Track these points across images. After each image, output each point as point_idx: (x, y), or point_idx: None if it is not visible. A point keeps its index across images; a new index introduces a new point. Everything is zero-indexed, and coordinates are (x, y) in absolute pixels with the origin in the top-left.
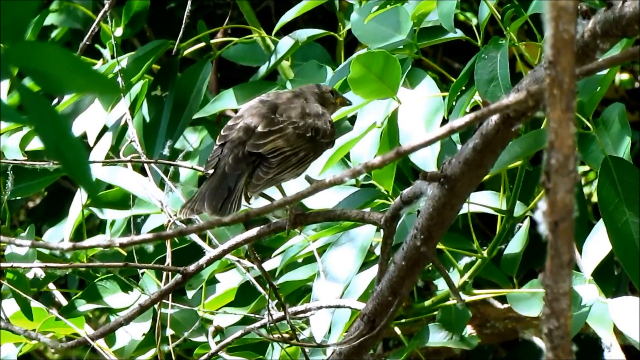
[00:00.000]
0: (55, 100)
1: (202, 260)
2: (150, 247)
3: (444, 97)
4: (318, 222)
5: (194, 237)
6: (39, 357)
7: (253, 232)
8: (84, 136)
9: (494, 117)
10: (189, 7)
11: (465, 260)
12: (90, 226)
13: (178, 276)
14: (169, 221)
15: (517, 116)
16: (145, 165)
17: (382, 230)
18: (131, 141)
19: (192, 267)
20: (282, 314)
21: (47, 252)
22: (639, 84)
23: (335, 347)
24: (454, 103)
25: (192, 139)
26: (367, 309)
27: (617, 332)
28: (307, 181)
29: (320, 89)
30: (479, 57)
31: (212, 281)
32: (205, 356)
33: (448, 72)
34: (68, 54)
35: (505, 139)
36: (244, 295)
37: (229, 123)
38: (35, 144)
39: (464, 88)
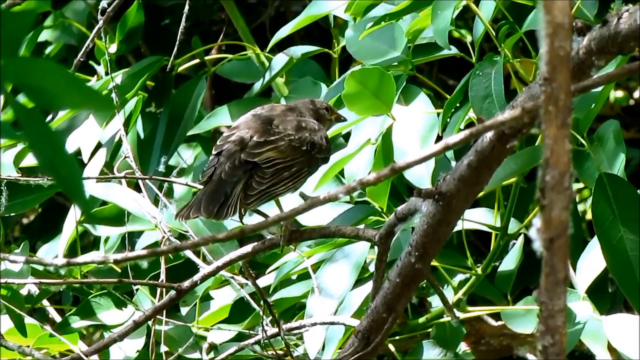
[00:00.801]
0: (50, 117)
1: (196, 277)
2: (144, 263)
3: (438, 114)
4: (313, 238)
5: (189, 254)
6: None
7: (247, 248)
8: (79, 152)
9: (489, 134)
10: (183, 23)
11: (460, 277)
12: (85, 242)
13: (172, 292)
14: (164, 237)
15: (512, 133)
16: (140, 182)
17: (376, 247)
18: (125, 157)
19: (186, 284)
20: (276, 330)
21: (41, 268)
22: (634, 101)
23: None
24: (448, 119)
25: (186, 155)
26: (361, 325)
27: (612, 349)
28: (302, 197)
29: (315, 104)
30: (474, 74)
31: (207, 298)
32: None
33: (443, 88)
34: (63, 70)
35: (501, 156)
36: (238, 311)
37: (225, 134)
38: (30, 160)
39: (458, 105)
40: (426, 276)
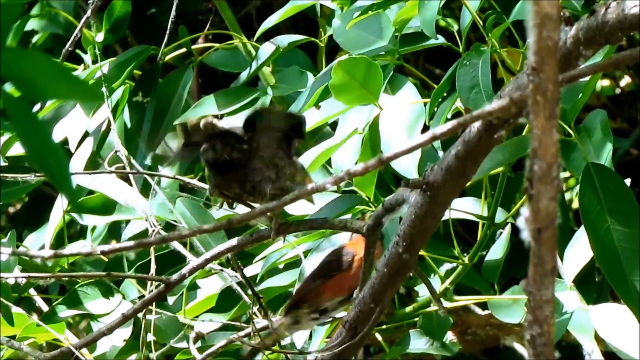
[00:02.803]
0: (38, 106)
1: (185, 270)
2: (132, 254)
3: (425, 104)
4: (301, 230)
5: (177, 247)
6: None
7: (235, 241)
8: (65, 142)
9: (477, 125)
10: (173, 12)
11: (447, 266)
12: (71, 232)
13: (161, 286)
14: (154, 230)
15: (499, 124)
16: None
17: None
18: (116, 151)
19: (175, 277)
20: (265, 322)
21: (27, 258)
22: (619, 90)
23: (317, 354)
24: (435, 109)
25: (173, 144)
26: (349, 316)
27: (599, 339)
28: (290, 188)
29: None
30: (461, 64)
31: (193, 287)
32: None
33: (429, 78)
34: (50, 61)
35: (488, 146)
36: (225, 300)
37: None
38: (17, 149)
39: (445, 94)
40: (413, 267)
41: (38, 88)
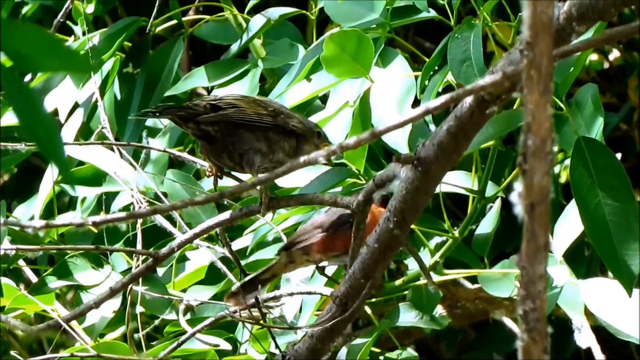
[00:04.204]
0: (29, 77)
1: (174, 244)
2: (123, 226)
3: (416, 77)
4: (291, 206)
5: (162, 221)
6: (7, 334)
7: (225, 215)
8: (56, 113)
9: (469, 100)
10: None
11: (436, 240)
12: (60, 203)
13: (149, 260)
14: (140, 205)
15: (491, 99)
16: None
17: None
18: (102, 127)
19: (163, 251)
20: (247, 301)
21: (17, 228)
22: (608, 64)
23: (307, 329)
24: (426, 83)
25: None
26: (339, 291)
27: (588, 314)
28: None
29: (310, 124)
30: (452, 37)
31: (182, 259)
32: (182, 339)
33: (419, 51)
34: (43, 33)
35: (480, 122)
36: (215, 273)
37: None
38: (7, 120)
39: (436, 68)
40: (404, 243)
41: (31, 60)
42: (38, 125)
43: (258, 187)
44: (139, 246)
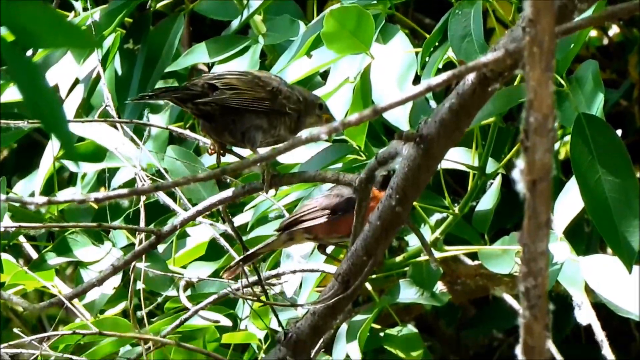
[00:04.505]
0: (30, 53)
1: (176, 221)
2: (125, 202)
3: (416, 54)
4: (293, 183)
5: (165, 198)
6: (7, 311)
7: (228, 192)
8: (56, 89)
9: (471, 77)
10: None
11: (437, 216)
12: (59, 179)
13: (152, 238)
14: (142, 182)
15: (494, 77)
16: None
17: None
18: (106, 106)
19: (166, 229)
20: (249, 280)
21: (17, 205)
22: (607, 40)
23: (309, 306)
24: (427, 59)
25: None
26: (341, 268)
27: (588, 290)
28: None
29: (315, 97)
30: (453, 14)
31: (183, 235)
32: (185, 316)
33: (419, 27)
34: (46, 9)
35: (482, 100)
36: (215, 249)
37: (204, 75)
38: (9, 96)
39: (437, 44)
40: (406, 221)
41: (34, 35)
42: (41, 101)
43: (259, 164)
44: (141, 223)
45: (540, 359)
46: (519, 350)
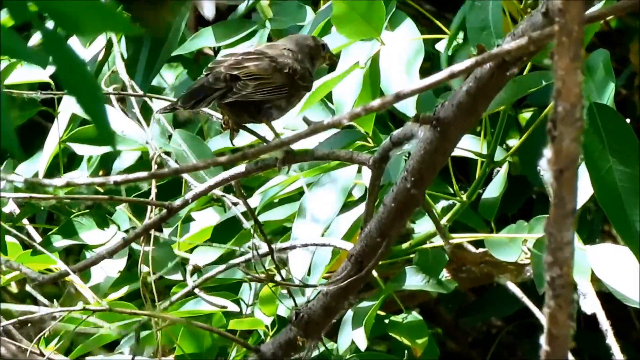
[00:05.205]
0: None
1: (188, 195)
2: (145, 185)
3: (424, 40)
4: (306, 161)
5: (186, 176)
6: (1, 291)
7: (241, 168)
8: None
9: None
10: None
11: (442, 203)
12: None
13: (163, 211)
14: (154, 155)
15: (512, 61)
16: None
17: (370, 171)
18: (113, 71)
19: (178, 202)
20: (259, 251)
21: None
22: (608, 29)
23: (323, 287)
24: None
25: (167, 76)
26: (355, 249)
27: (593, 279)
28: (305, 122)
29: (316, 41)
30: (471, 6)
31: (188, 220)
32: (184, 290)
33: (419, 12)
34: None
35: (500, 83)
36: (221, 233)
37: (218, 58)
38: (14, 77)
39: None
40: (421, 202)
41: (75, 21)
42: (83, 90)
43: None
44: (151, 198)
45: (564, 348)
46: (542, 340)
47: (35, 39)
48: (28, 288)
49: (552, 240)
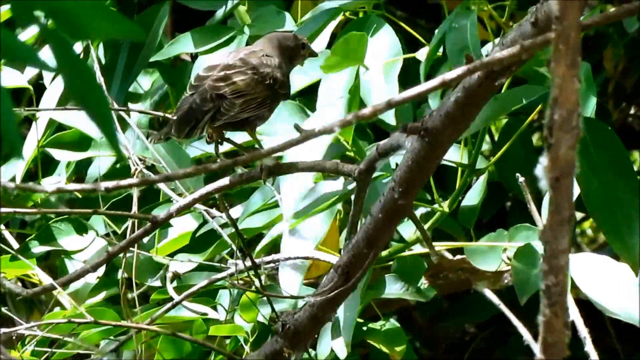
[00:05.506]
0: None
1: (172, 209)
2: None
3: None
4: (292, 172)
5: (164, 188)
6: None
7: (225, 180)
8: (40, 76)
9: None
10: None
11: (421, 211)
12: (34, 168)
13: (147, 224)
14: (136, 169)
15: (501, 70)
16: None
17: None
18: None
19: (162, 215)
20: (246, 263)
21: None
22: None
23: (310, 298)
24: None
25: (143, 81)
26: (341, 260)
27: (573, 286)
28: (297, 130)
29: (296, 40)
30: (450, 28)
31: (166, 225)
32: (169, 304)
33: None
34: None
35: (488, 93)
36: (200, 240)
37: (201, 73)
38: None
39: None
40: (409, 212)
41: (81, 26)
42: (89, 96)
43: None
44: (133, 210)
45: (560, 356)
46: (537, 349)
47: (24, 37)
48: None
49: (548, 248)
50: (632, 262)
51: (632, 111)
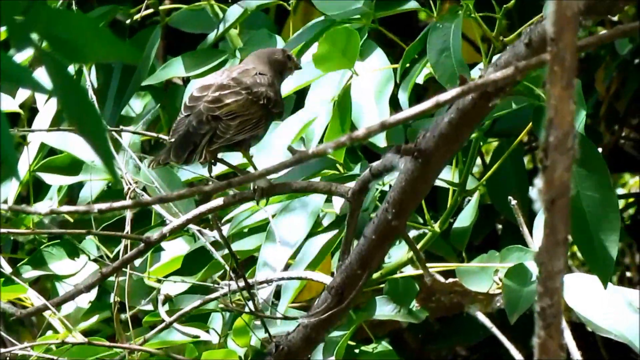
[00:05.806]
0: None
1: (165, 229)
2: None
3: (394, 70)
4: (285, 193)
5: (158, 209)
6: None
7: (219, 201)
8: (32, 99)
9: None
10: None
11: (413, 232)
12: (25, 191)
13: (140, 245)
14: (129, 189)
15: (495, 91)
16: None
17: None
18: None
19: (155, 236)
20: (239, 283)
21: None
22: None
23: (304, 320)
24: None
25: (135, 104)
26: (335, 281)
27: (565, 308)
28: (290, 152)
29: (284, 54)
30: (433, 27)
31: (157, 249)
32: (161, 326)
33: (385, 43)
34: (90, 21)
35: (482, 113)
36: (191, 263)
37: (195, 94)
38: None
39: (417, 56)
40: (402, 233)
41: (77, 48)
42: (86, 119)
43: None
44: (126, 231)
45: None
46: None
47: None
48: None
49: (543, 269)
50: (603, 275)
51: (623, 133)
